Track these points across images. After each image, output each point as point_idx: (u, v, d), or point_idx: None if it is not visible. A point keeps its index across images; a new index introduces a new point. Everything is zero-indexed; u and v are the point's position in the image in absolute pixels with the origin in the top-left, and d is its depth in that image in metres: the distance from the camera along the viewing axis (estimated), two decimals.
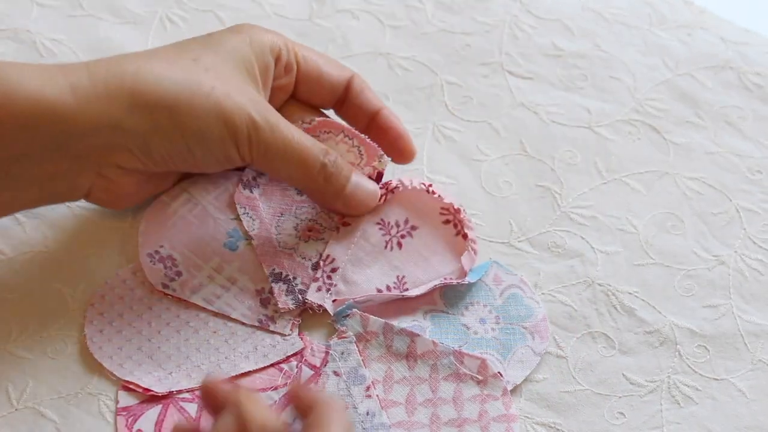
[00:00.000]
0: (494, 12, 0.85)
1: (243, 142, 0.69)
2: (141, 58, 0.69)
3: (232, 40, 0.71)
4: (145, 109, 0.67)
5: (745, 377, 0.71)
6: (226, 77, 0.69)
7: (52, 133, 0.67)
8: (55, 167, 0.68)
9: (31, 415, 0.67)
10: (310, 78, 0.74)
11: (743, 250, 0.75)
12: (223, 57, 0.70)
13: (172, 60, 0.69)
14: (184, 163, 0.70)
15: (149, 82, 0.68)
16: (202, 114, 0.68)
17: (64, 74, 0.67)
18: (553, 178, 0.78)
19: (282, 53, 0.72)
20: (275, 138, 0.69)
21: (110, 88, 0.67)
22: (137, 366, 0.69)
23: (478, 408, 0.68)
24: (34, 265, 0.72)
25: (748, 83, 0.82)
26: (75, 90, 0.67)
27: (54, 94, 0.66)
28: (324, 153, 0.71)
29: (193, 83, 0.68)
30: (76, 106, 0.67)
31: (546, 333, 0.71)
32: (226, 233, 0.74)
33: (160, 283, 0.71)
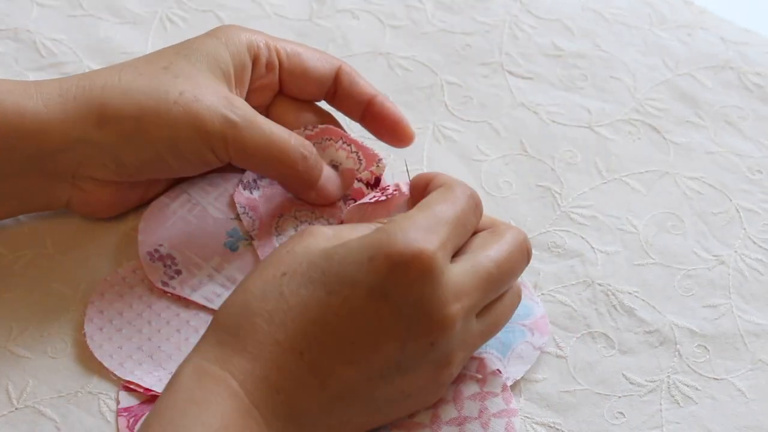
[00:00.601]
0: (494, 12, 0.85)
1: (218, 143, 0.69)
2: (112, 71, 0.70)
3: (207, 43, 0.71)
4: (112, 120, 0.68)
5: (744, 377, 0.70)
6: (197, 81, 0.69)
7: (27, 151, 0.68)
8: (32, 182, 0.70)
9: (31, 415, 0.67)
10: (294, 74, 0.74)
11: (743, 250, 0.75)
12: (195, 61, 0.70)
13: (141, 70, 0.70)
14: (159, 171, 0.71)
15: (116, 94, 0.68)
16: (170, 121, 0.68)
17: (38, 91, 0.68)
18: (553, 178, 0.78)
19: (261, 52, 0.72)
20: (252, 135, 0.69)
21: (79, 102, 0.68)
22: (138, 365, 0.69)
23: (479, 405, 0.68)
24: (34, 265, 0.72)
25: (748, 83, 0.82)
26: (48, 107, 0.68)
27: (30, 113, 0.67)
28: (303, 145, 0.71)
29: (160, 91, 0.68)
30: (48, 124, 0.68)
31: (545, 328, 0.71)
32: (225, 233, 0.74)
33: (159, 281, 0.71)
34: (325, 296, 0.61)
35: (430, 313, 0.61)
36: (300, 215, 0.74)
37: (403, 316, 0.61)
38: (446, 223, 0.63)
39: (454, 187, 0.66)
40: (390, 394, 0.63)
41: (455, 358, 0.63)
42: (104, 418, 0.67)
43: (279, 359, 0.61)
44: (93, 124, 0.68)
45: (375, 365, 0.61)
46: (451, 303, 0.61)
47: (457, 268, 0.63)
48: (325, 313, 0.61)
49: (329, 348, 0.61)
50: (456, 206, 0.64)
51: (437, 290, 0.61)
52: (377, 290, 0.61)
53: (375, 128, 0.74)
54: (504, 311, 0.66)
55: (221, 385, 0.60)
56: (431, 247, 0.61)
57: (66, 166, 0.69)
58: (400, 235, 0.61)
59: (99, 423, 0.67)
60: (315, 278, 0.61)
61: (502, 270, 0.64)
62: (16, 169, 0.69)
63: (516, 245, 0.65)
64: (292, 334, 0.61)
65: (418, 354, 0.62)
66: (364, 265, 0.61)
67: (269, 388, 0.60)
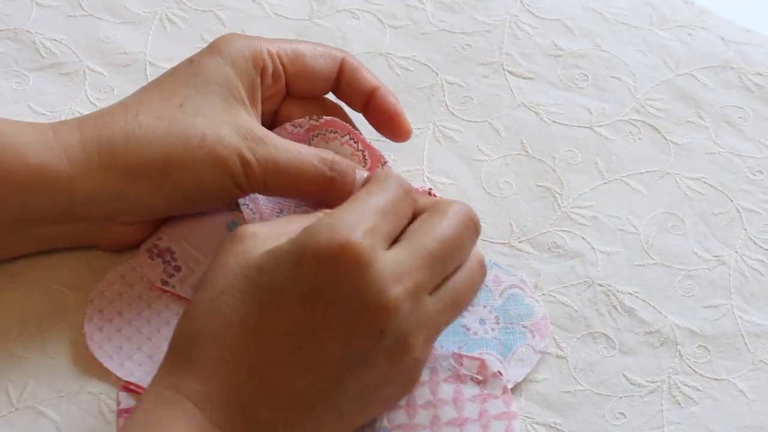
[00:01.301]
0: (495, 12, 0.85)
1: (242, 180, 0.69)
2: (128, 114, 0.69)
3: (212, 65, 0.71)
4: (142, 175, 0.68)
5: (745, 377, 0.70)
6: (215, 118, 0.69)
7: (51, 201, 0.68)
8: (60, 229, 0.70)
9: (31, 415, 0.67)
10: (299, 76, 0.73)
11: (744, 251, 0.75)
12: (206, 92, 0.70)
13: (158, 113, 0.69)
14: (188, 210, 0.72)
15: (141, 147, 0.68)
16: (197, 167, 0.68)
17: (58, 140, 0.68)
18: (553, 178, 0.78)
19: (267, 64, 0.72)
20: (267, 170, 0.69)
21: (103, 157, 0.68)
22: (137, 366, 0.69)
23: (479, 407, 0.68)
24: (34, 265, 0.72)
25: (748, 83, 0.82)
26: (71, 160, 0.67)
27: (52, 165, 0.67)
28: (328, 165, 0.70)
29: (183, 138, 0.68)
30: (73, 177, 0.67)
31: (546, 331, 0.71)
32: (225, 225, 0.73)
33: (159, 280, 0.71)
34: (260, 308, 0.60)
35: (367, 301, 0.60)
36: (301, 211, 0.74)
37: (341, 311, 0.60)
38: (372, 211, 0.62)
39: (380, 178, 0.65)
40: (354, 392, 0.62)
41: (414, 340, 0.62)
42: (104, 418, 0.67)
43: (231, 377, 0.60)
44: (123, 180, 0.68)
45: (325, 367, 0.61)
46: (390, 287, 0.60)
47: (394, 253, 0.61)
48: (263, 325, 0.60)
49: (275, 359, 0.60)
50: (382, 195, 0.63)
51: (371, 277, 0.60)
52: (308, 293, 0.60)
53: (374, 120, 0.74)
54: (464, 285, 0.65)
55: (178, 409, 0.60)
56: (356, 236, 0.60)
57: (94, 215, 0.69)
58: (324, 231, 0.60)
59: (99, 423, 0.67)
60: (249, 292, 0.61)
61: (446, 245, 0.63)
62: (42, 218, 0.69)
63: (458, 218, 0.64)
64: (237, 351, 0.60)
65: (368, 345, 0.61)
66: (292, 270, 0.60)
67: (227, 406, 0.60)
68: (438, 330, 0.64)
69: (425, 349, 0.63)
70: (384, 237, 0.62)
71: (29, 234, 0.70)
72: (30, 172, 0.67)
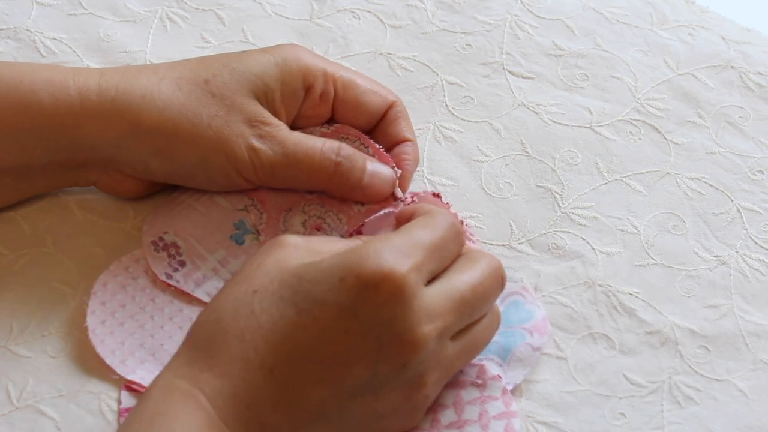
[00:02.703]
0: (495, 12, 0.85)
1: (246, 169, 0.70)
2: (153, 77, 0.70)
3: (261, 60, 0.72)
4: (145, 134, 0.69)
5: (746, 377, 0.71)
6: (234, 102, 0.70)
7: (60, 141, 0.69)
8: (64, 165, 0.71)
9: (31, 414, 0.67)
10: (348, 105, 0.74)
11: (744, 251, 0.75)
12: (238, 78, 0.71)
13: (182, 83, 0.70)
14: (186, 183, 0.73)
15: (152, 110, 0.69)
16: (202, 144, 0.69)
17: (76, 84, 0.69)
18: (553, 178, 0.78)
19: (317, 83, 0.72)
20: (276, 155, 0.70)
21: (116, 108, 0.69)
22: (140, 364, 0.69)
23: (479, 409, 0.68)
24: (34, 265, 0.72)
25: (749, 83, 0.82)
26: (83, 104, 0.69)
27: (65, 107, 0.69)
28: (335, 151, 0.71)
29: (196, 113, 0.69)
30: (82, 120, 0.69)
31: (545, 329, 0.71)
32: (232, 224, 0.73)
33: (163, 273, 0.71)
34: (296, 315, 0.61)
35: (401, 334, 0.61)
36: (309, 210, 0.74)
37: (374, 337, 0.61)
38: (422, 247, 0.63)
39: (435, 214, 0.66)
40: (362, 415, 0.63)
41: (428, 378, 0.63)
42: (104, 417, 0.67)
43: (248, 377, 0.61)
44: (127, 132, 0.69)
45: (345, 385, 0.61)
46: (423, 324, 0.61)
47: (431, 291, 0.63)
48: (295, 332, 0.61)
49: (299, 367, 0.61)
50: (435, 232, 0.64)
51: (408, 312, 0.61)
52: (347, 310, 0.61)
53: None
54: (481, 334, 0.66)
55: (189, 401, 0.60)
56: (402, 269, 0.61)
57: (97, 159, 0.71)
58: (372, 256, 0.61)
59: (99, 422, 0.67)
60: (286, 297, 0.61)
61: (476, 294, 0.64)
62: (49, 155, 0.70)
63: (490, 271, 0.65)
64: (262, 352, 0.61)
65: (389, 374, 0.62)
66: (334, 285, 0.61)
67: (238, 404, 0.61)
68: (450, 372, 0.66)
69: (436, 387, 0.65)
70: (427, 274, 0.63)
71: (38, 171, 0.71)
72: (44, 112, 0.68)
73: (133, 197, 0.74)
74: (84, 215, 0.74)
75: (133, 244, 0.73)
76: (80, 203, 0.75)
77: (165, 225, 0.73)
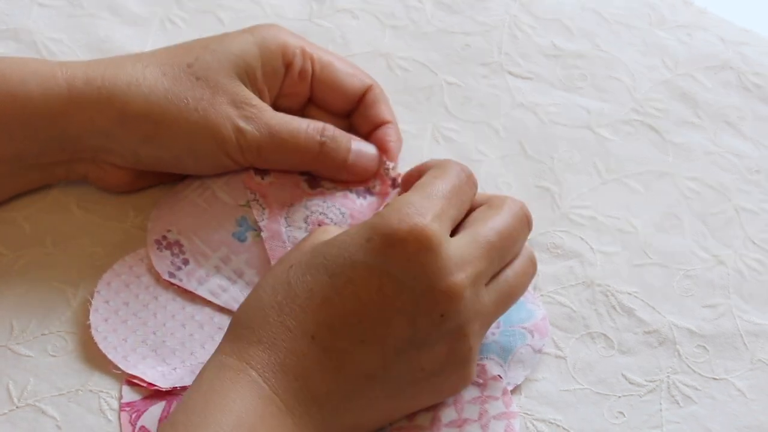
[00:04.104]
0: (494, 12, 0.85)
1: (233, 150, 0.71)
2: (139, 65, 0.71)
3: (240, 40, 0.73)
4: (133, 121, 0.70)
5: (744, 377, 0.71)
6: (218, 84, 0.71)
7: (49, 132, 0.70)
8: (54, 158, 0.71)
9: (31, 413, 0.67)
10: (324, 85, 0.75)
11: (742, 250, 0.75)
12: (220, 59, 0.72)
13: (165, 68, 0.71)
14: (175, 168, 0.73)
15: (139, 96, 0.70)
16: (188, 128, 0.70)
17: (63, 75, 0.70)
18: (552, 178, 0.78)
19: (295, 60, 0.73)
20: (262, 136, 0.71)
21: (103, 96, 0.70)
22: (141, 359, 0.69)
23: (479, 408, 0.68)
24: (34, 265, 0.72)
25: (747, 83, 0.82)
26: (71, 93, 0.70)
27: (53, 96, 0.69)
28: (320, 131, 0.72)
29: (181, 98, 0.70)
30: (70, 109, 0.70)
31: (546, 330, 0.71)
32: (235, 221, 0.73)
33: (167, 272, 0.71)
34: (329, 279, 0.62)
35: (434, 284, 0.62)
36: (311, 205, 0.74)
37: (408, 290, 0.62)
38: (440, 197, 0.64)
39: (444, 165, 0.67)
40: (409, 373, 0.63)
41: (469, 329, 0.64)
42: (105, 416, 0.67)
43: (292, 346, 0.62)
44: (115, 121, 0.70)
45: (388, 342, 0.62)
46: (455, 272, 0.62)
47: (458, 240, 0.64)
48: (329, 295, 0.62)
49: (338, 329, 0.62)
50: (448, 181, 0.66)
51: (438, 261, 0.62)
52: (378, 269, 0.62)
53: None
54: (517, 279, 0.67)
55: (240, 375, 0.61)
56: (425, 220, 0.62)
57: (87, 149, 0.71)
58: (393, 214, 0.62)
59: (99, 421, 0.67)
60: (318, 264, 0.63)
61: (503, 237, 0.65)
62: (39, 147, 0.70)
63: (514, 213, 0.66)
64: (301, 320, 0.62)
65: (429, 327, 0.62)
66: (362, 246, 0.62)
67: (286, 374, 0.61)
68: (490, 320, 0.66)
69: (478, 337, 0.65)
70: (450, 222, 0.64)
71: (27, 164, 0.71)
72: (32, 102, 0.69)
73: (124, 190, 0.74)
74: (84, 215, 0.74)
75: (133, 243, 0.73)
76: (80, 203, 0.75)
77: (168, 222, 0.73)
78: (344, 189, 0.75)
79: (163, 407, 0.68)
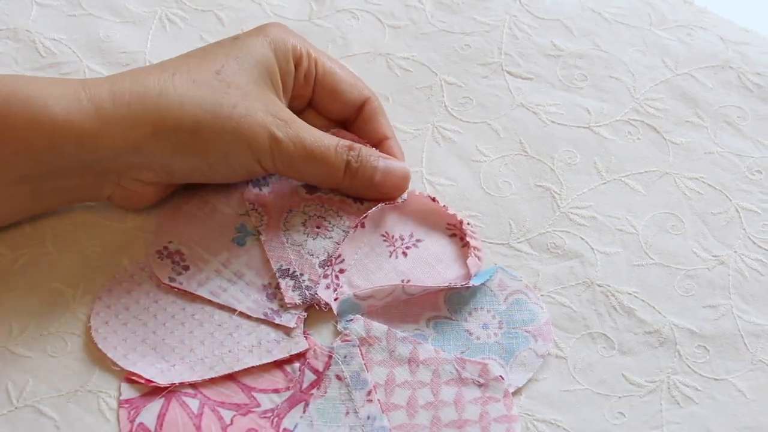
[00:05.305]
0: (494, 12, 0.85)
1: (266, 158, 0.70)
2: (164, 74, 0.70)
3: (256, 46, 0.72)
4: (167, 133, 0.69)
5: (744, 377, 0.71)
6: (248, 90, 0.71)
7: (77, 155, 0.68)
8: (80, 181, 0.70)
9: (30, 414, 0.67)
10: (324, 90, 0.75)
11: (743, 250, 0.75)
12: (245, 66, 0.71)
13: (194, 75, 0.70)
14: (205, 178, 0.72)
15: (172, 106, 0.69)
16: (223, 135, 0.69)
17: (88, 95, 0.68)
18: (552, 178, 0.78)
19: (302, 61, 0.74)
20: (296, 149, 0.70)
21: (134, 112, 0.68)
22: (141, 357, 0.69)
23: (479, 410, 0.68)
24: (34, 264, 0.72)
25: (747, 83, 0.82)
26: (99, 113, 0.68)
27: (79, 118, 0.68)
28: (346, 150, 0.72)
29: (215, 104, 0.69)
30: (99, 129, 0.68)
31: (549, 335, 0.71)
32: (234, 228, 0.74)
33: (167, 277, 0.71)
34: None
35: None
36: (309, 210, 0.74)
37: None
38: None
39: None
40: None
41: None
42: (104, 416, 0.67)
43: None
44: (148, 135, 0.69)
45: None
46: None
47: None
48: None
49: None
50: None
51: None
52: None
53: None
54: None
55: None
56: None
57: (115, 169, 0.70)
58: None
59: (98, 421, 0.67)
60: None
61: None
62: (66, 169, 0.69)
63: None
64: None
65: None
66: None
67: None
68: None
69: None
70: None
71: (52, 188, 0.70)
72: (57, 125, 0.67)
73: (146, 206, 0.74)
74: (84, 215, 0.74)
75: (133, 243, 0.73)
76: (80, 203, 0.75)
77: (169, 234, 0.73)
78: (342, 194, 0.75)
79: (161, 404, 0.68)
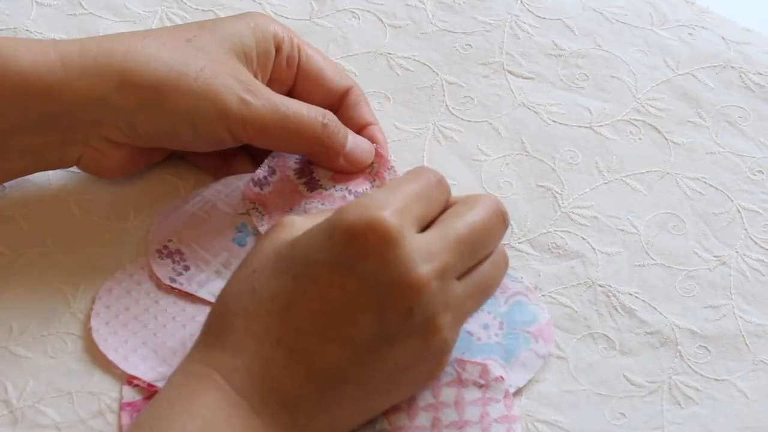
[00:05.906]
0: (495, 11, 0.85)
1: (236, 123, 0.70)
2: (135, 37, 0.71)
3: (234, 24, 0.73)
4: (132, 87, 0.69)
5: (746, 378, 0.70)
6: (219, 58, 0.70)
7: (42, 108, 0.69)
8: (46, 138, 0.70)
9: (31, 414, 0.67)
10: (308, 77, 0.75)
11: (744, 251, 0.75)
12: (219, 38, 0.72)
13: (164, 40, 0.71)
14: (172, 142, 0.72)
15: (138, 61, 0.69)
16: (189, 95, 0.69)
17: (56, 49, 0.69)
18: (553, 178, 0.78)
19: (284, 45, 0.74)
20: (268, 111, 0.70)
21: (100, 64, 0.69)
22: (142, 361, 0.69)
23: (480, 410, 0.68)
24: (34, 265, 0.72)
25: (749, 83, 0.82)
26: (65, 65, 0.69)
27: (45, 70, 0.68)
28: (322, 114, 0.72)
29: (182, 64, 0.69)
30: (65, 81, 0.68)
31: (550, 336, 0.71)
32: (235, 228, 0.74)
33: (167, 278, 0.71)
34: (292, 282, 0.62)
35: (397, 278, 0.61)
36: (310, 207, 0.74)
37: (371, 287, 0.61)
38: (404, 194, 0.63)
39: (416, 169, 0.66)
40: (383, 369, 0.63)
41: (441, 321, 0.62)
42: (104, 418, 0.67)
43: (258, 349, 0.61)
44: (112, 87, 0.69)
45: (356, 340, 0.61)
46: (419, 265, 0.61)
47: (425, 234, 0.63)
48: (293, 297, 0.61)
49: (306, 332, 0.61)
50: (415, 182, 0.65)
51: (400, 254, 0.61)
52: (340, 266, 0.61)
53: None
54: (490, 272, 0.66)
55: (206, 380, 0.61)
56: (384, 213, 0.61)
57: (81, 124, 0.70)
58: (353, 209, 0.61)
59: (99, 423, 0.67)
60: (282, 268, 0.62)
61: (475, 231, 0.64)
62: (31, 125, 0.69)
63: (488, 208, 0.65)
64: (267, 324, 0.61)
65: (398, 322, 0.61)
66: (324, 244, 0.61)
67: (253, 378, 0.61)
68: (465, 314, 0.65)
69: (453, 330, 0.64)
70: (415, 219, 0.63)
71: (18, 146, 0.70)
72: (23, 77, 0.68)
73: (118, 174, 0.74)
74: (84, 215, 0.74)
75: (133, 244, 0.73)
76: (80, 203, 0.75)
77: (169, 233, 0.73)
78: (343, 190, 0.75)
79: None
